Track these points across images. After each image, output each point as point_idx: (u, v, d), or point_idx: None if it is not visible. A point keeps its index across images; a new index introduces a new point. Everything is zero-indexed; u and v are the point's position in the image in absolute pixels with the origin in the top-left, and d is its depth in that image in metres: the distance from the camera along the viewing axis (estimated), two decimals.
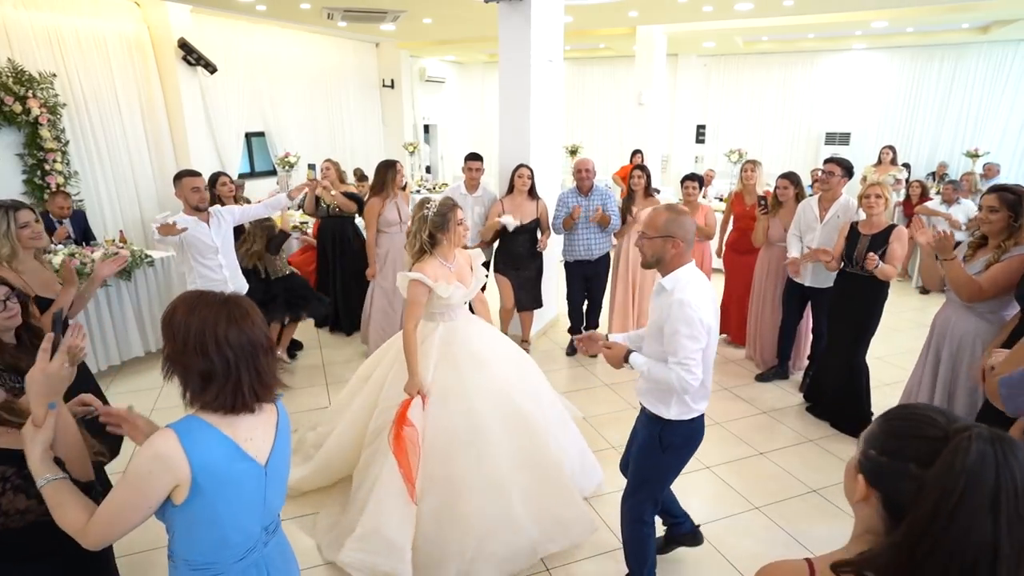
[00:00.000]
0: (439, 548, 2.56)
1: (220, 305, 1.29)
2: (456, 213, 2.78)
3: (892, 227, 3.56)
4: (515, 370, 2.99)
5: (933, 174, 10.14)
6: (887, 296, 3.71)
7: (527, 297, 4.87)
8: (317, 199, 5.29)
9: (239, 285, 3.90)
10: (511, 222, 4.53)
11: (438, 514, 2.59)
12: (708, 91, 12.40)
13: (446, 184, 11.05)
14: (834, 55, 11.26)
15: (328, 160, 5.39)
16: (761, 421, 4.05)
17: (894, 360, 4.79)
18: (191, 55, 7.13)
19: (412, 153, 10.87)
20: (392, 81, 10.97)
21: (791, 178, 4.34)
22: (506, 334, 4.61)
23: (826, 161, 4.01)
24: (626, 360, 2.22)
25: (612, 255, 5.07)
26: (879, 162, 7.94)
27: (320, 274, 5.56)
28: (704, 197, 8.14)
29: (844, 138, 11.06)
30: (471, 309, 3.22)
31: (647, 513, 2.37)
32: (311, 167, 5.14)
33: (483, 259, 3.09)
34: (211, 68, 7.39)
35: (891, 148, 7.94)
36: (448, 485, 2.60)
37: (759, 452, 3.66)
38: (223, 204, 4.26)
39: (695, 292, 2.07)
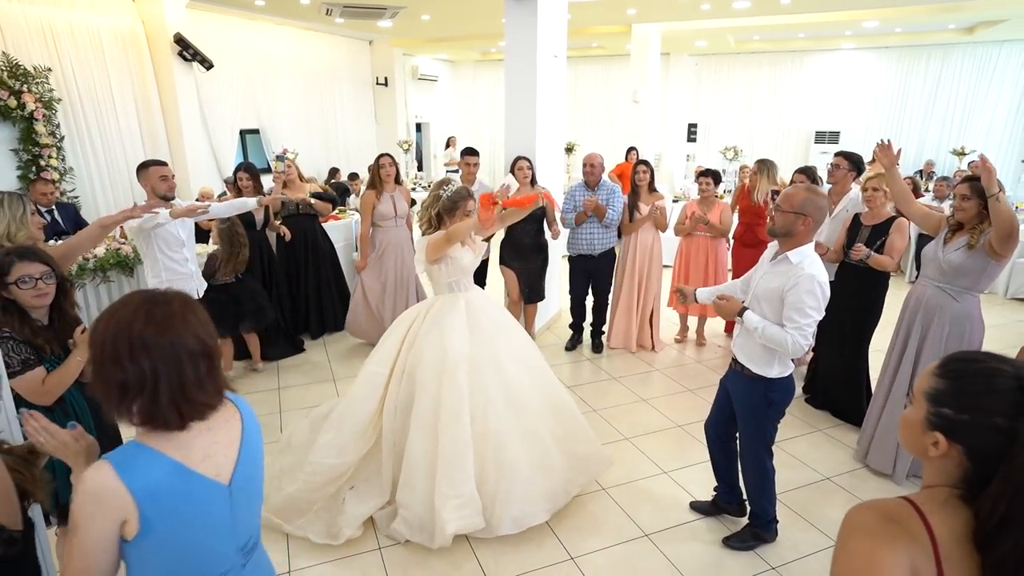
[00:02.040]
0: (493, 496, 2.74)
1: (140, 303, 1.11)
2: (467, 205, 2.86)
3: (893, 218, 3.62)
4: (520, 331, 3.20)
5: (920, 172, 10.33)
6: (887, 287, 3.78)
7: (530, 290, 4.91)
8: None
9: (200, 285, 3.86)
10: (513, 183, 4.57)
11: (492, 465, 2.76)
12: (699, 90, 12.53)
13: None
14: (823, 55, 11.44)
15: (286, 159, 5.27)
16: None
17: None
18: (187, 51, 7.06)
19: (407, 151, 10.85)
20: (385, 79, 10.95)
21: (807, 172, 4.41)
22: None
23: (835, 155, 4.07)
24: (740, 315, 2.47)
25: (618, 252, 5.10)
26: (872, 160, 8.05)
27: (289, 275, 5.20)
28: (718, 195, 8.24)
29: (834, 136, 11.24)
30: None
31: (767, 460, 2.67)
32: (280, 159, 5.07)
33: (483, 243, 3.18)
34: (207, 64, 7.32)
35: (845, 157, 8.05)
36: (496, 439, 2.77)
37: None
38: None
39: (821, 269, 2.31)
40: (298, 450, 3.19)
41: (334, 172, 8.93)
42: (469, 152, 4.96)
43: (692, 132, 12.75)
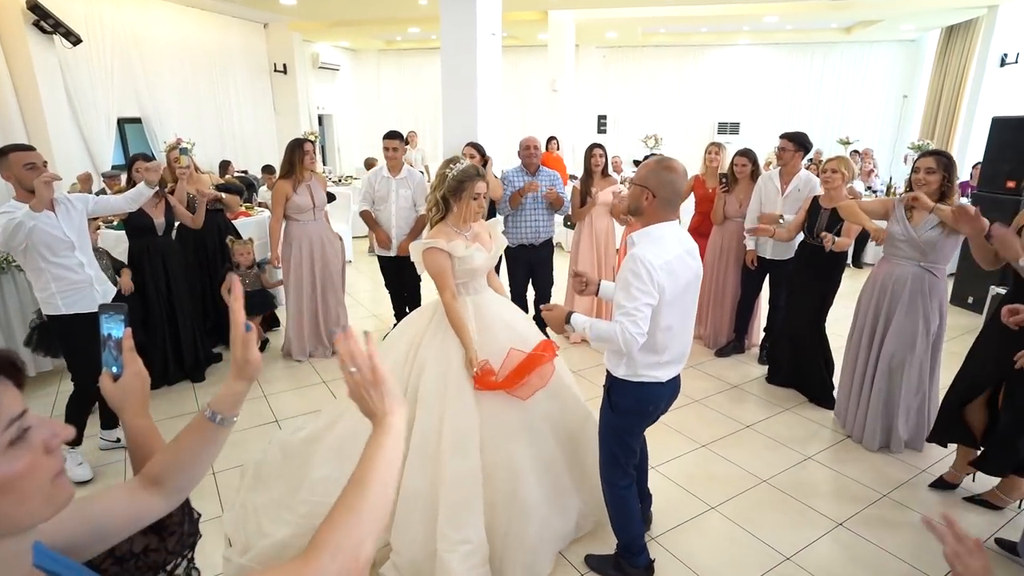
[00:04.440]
0: (503, 541, 2.36)
1: None
2: (475, 185, 2.49)
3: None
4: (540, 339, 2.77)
5: (811, 160, 11.08)
6: (844, 267, 3.85)
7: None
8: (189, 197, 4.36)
9: (106, 290, 3.14)
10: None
11: (503, 503, 2.38)
12: (608, 82, 12.71)
13: (351, 177, 10.38)
14: (722, 49, 11.96)
15: (174, 149, 4.58)
16: (734, 395, 4.07)
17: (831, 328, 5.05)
18: (46, 20, 6.00)
19: (313, 143, 10.06)
20: (284, 66, 10.10)
21: (748, 155, 4.40)
22: None
23: (780, 137, 4.09)
24: (568, 322, 2.15)
25: (572, 240, 4.89)
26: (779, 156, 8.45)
27: (203, 281, 4.56)
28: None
29: (734, 127, 11.80)
30: None
31: (613, 475, 2.30)
32: (183, 151, 4.38)
33: (501, 227, 2.79)
34: (73, 38, 6.29)
35: (790, 139, 8.48)
36: (509, 472, 2.39)
37: (746, 425, 3.65)
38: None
39: (656, 249, 1.99)
40: (272, 483, 2.65)
41: (226, 166, 8.04)
42: (390, 136, 4.47)
43: (602, 123, 12.91)
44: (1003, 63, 8.54)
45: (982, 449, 2.81)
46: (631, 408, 2.20)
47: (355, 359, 0.93)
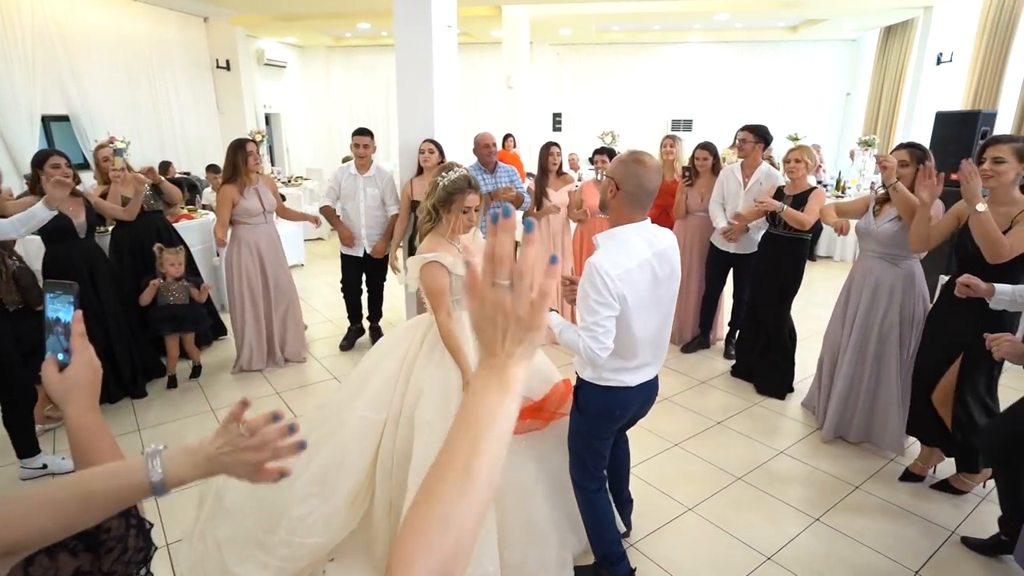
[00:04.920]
0: (519, 571, 2.21)
1: None
2: (465, 198, 2.32)
3: (812, 188, 3.69)
4: (539, 352, 2.61)
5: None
6: (806, 258, 3.86)
7: None
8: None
9: None
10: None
11: (518, 529, 2.22)
12: (562, 80, 12.68)
13: (301, 177, 10.01)
14: (675, 46, 12.10)
15: (105, 147, 4.21)
16: (703, 391, 4.03)
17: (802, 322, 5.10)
18: None
19: (260, 142, 9.65)
20: (227, 62, 9.63)
21: (709, 148, 4.38)
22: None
23: (741, 129, 4.08)
24: None
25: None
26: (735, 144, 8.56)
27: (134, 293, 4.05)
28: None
29: (687, 124, 11.94)
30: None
31: (582, 479, 2.21)
32: (117, 152, 4.05)
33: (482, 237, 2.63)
34: None
35: (751, 131, 8.60)
36: (519, 493, 2.23)
37: (717, 421, 3.61)
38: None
39: (616, 256, 1.86)
40: (240, 515, 2.37)
41: (166, 167, 7.58)
42: (360, 132, 4.33)
43: (557, 121, 12.87)
44: (939, 62, 8.88)
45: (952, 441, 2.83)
46: (597, 412, 2.10)
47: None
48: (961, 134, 5.57)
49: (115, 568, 0.90)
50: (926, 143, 6.30)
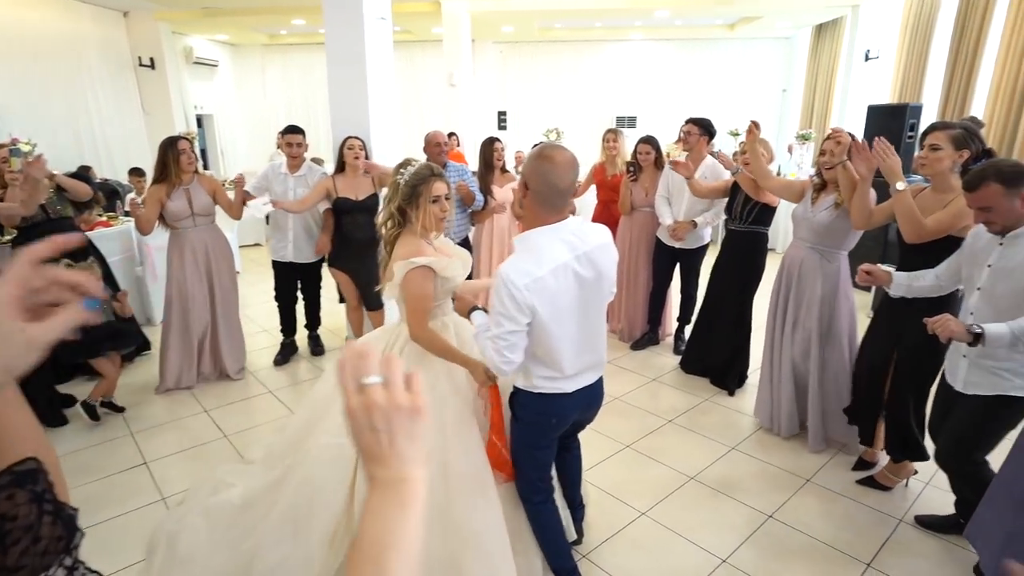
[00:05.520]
0: None
1: None
2: (431, 187, 2.15)
3: None
4: None
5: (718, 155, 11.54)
6: (767, 251, 3.83)
7: (368, 294, 4.03)
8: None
9: None
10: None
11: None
12: (506, 78, 12.58)
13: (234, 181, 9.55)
14: (617, 44, 12.18)
15: (2, 149, 3.73)
16: (653, 389, 3.97)
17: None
18: None
19: (190, 141, 9.14)
20: (151, 60, 9.09)
21: (652, 142, 4.33)
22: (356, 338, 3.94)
23: (686, 121, 4.05)
24: (469, 316, 2.08)
25: (471, 239, 4.62)
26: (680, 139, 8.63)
27: None
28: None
29: (632, 121, 12.03)
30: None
31: (526, 489, 2.09)
32: (14, 153, 3.67)
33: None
34: None
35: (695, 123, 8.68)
36: (457, 538, 1.96)
37: (668, 420, 3.55)
38: None
39: (526, 263, 1.72)
40: (201, 563, 2.11)
41: (86, 171, 7.05)
42: (291, 130, 4.09)
43: (503, 120, 12.76)
44: (867, 58, 9.21)
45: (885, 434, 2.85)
46: (533, 420, 1.98)
47: (387, 366, 0.62)
48: (891, 126, 5.75)
49: (24, 562, 0.70)
50: (859, 135, 6.50)
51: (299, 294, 4.44)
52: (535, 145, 4.46)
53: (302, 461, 2.20)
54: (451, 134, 8.33)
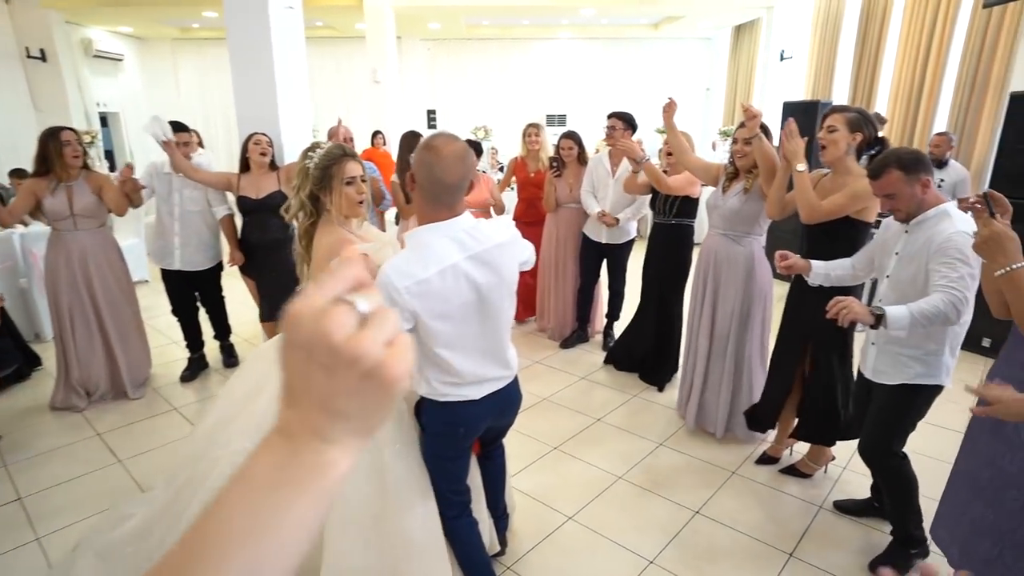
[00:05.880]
0: None
1: None
2: (343, 167, 2.01)
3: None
4: None
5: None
6: (692, 245, 3.84)
7: (273, 305, 3.66)
8: None
9: None
10: (159, 130, 3.50)
11: None
12: (435, 76, 12.38)
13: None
14: (546, 42, 12.20)
15: None
16: (582, 388, 3.92)
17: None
18: None
19: (91, 143, 8.47)
20: (42, 52, 8.35)
21: (574, 137, 4.28)
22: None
23: (609, 115, 4.02)
24: None
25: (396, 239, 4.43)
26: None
27: None
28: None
29: (562, 119, 12.08)
30: None
31: (440, 505, 1.94)
32: None
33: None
34: None
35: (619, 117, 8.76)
36: (394, 547, 1.85)
37: (596, 419, 3.50)
38: None
39: (405, 263, 1.59)
40: None
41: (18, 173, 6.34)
42: (175, 128, 3.71)
43: (432, 118, 12.55)
44: (782, 58, 9.58)
45: (797, 420, 2.88)
46: (439, 430, 1.86)
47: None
48: (804, 121, 5.92)
49: None
50: (776, 131, 6.73)
51: (200, 304, 4.10)
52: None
53: (208, 472, 2.00)
54: (376, 133, 8.08)
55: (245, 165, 3.69)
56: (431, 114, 12.50)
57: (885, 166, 2.02)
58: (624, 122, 3.96)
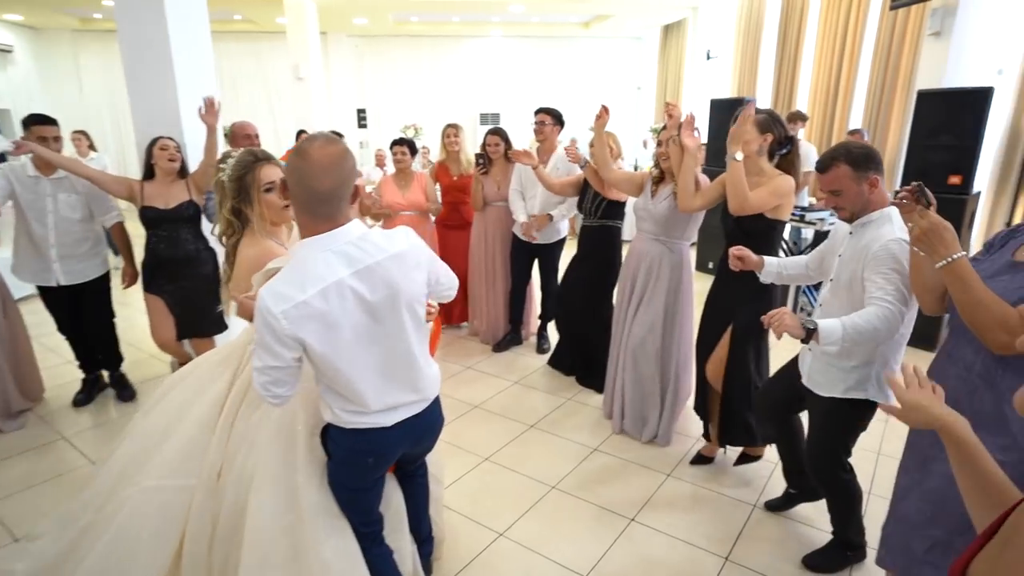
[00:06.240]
0: None
1: None
2: (258, 174, 1.89)
3: None
4: None
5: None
6: (619, 245, 3.77)
7: (197, 318, 3.34)
8: None
9: None
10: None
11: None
12: (363, 74, 12.03)
13: None
14: (477, 40, 12.06)
15: None
16: (516, 393, 3.78)
17: None
18: None
19: None
20: None
21: (500, 134, 4.14)
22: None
23: (536, 111, 3.91)
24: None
25: None
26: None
27: None
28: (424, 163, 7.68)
29: (495, 118, 11.96)
30: None
31: (363, 542, 1.76)
32: None
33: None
34: None
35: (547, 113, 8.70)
36: (310, 570, 1.69)
37: (530, 425, 3.37)
38: None
39: (282, 284, 1.39)
40: None
41: None
42: (39, 120, 3.21)
43: (362, 118, 12.18)
44: (708, 57, 9.81)
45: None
46: (346, 459, 1.66)
47: None
48: (730, 118, 6.04)
49: None
50: (705, 129, 6.82)
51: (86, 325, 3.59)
52: (396, 141, 4.10)
53: (113, 514, 1.80)
54: (300, 132, 7.70)
55: (150, 172, 3.32)
56: (361, 113, 12.13)
57: (833, 159, 1.90)
58: (552, 118, 3.87)
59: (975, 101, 4.19)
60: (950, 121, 4.28)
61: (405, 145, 4.25)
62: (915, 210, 1.54)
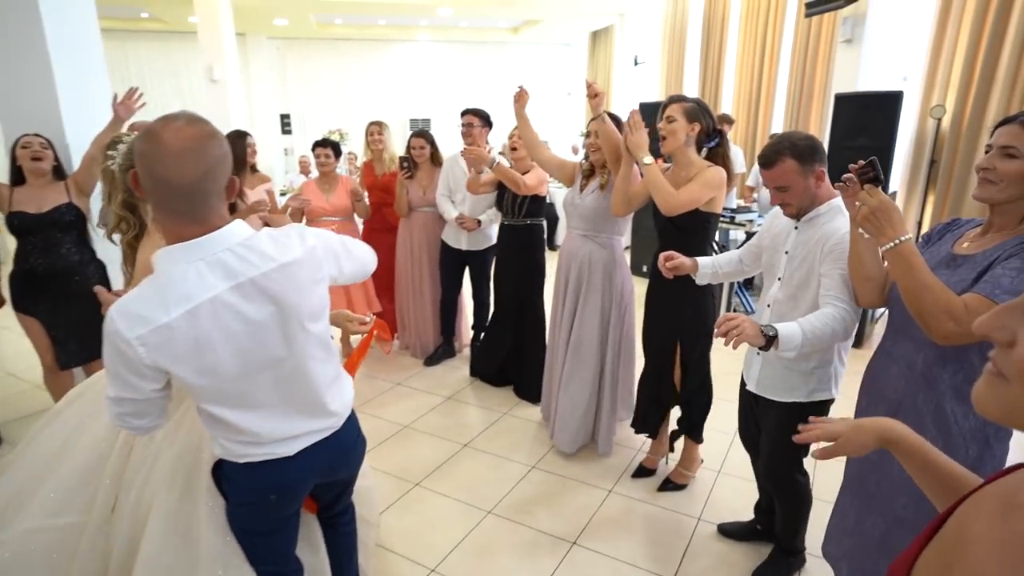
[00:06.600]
0: None
1: None
2: None
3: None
4: None
5: (501, 153, 11.65)
6: (544, 246, 3.65)
7: (86, 341, 2.89)
8: None
9: None
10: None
11: None
12: (286, 77, 11.53)
13: None
14: (405, 44, 11.79)
15: None
16: (449, 409, 3.57)
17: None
18: None
19: None
20: None
21: (425, 136, 3.94)
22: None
23: (463, 113, 3.74)
24: None
25: None
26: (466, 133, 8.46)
27: None
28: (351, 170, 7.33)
29: (426, 123, 11.72)
30: None
31: None
32: None
33: None
34: None
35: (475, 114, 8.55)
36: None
37: (463, 444, 3.16)
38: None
39: (138, 304, 1.12)
40: None
41: None
42: None
43: (286, 123, 11.66)
44: (636, 63, 9.93)
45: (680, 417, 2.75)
46: (245, 499, 1.42)
47: None
48: (658, 122, 6.08)
49: None
50: None
51: None
52: (319, 142, 3.86)
53: None
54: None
55: (19, 176, 2.92)
56: (285, 119, 11.62)
57: (778, 153, 1.80)
58: (480, 119, 3.71)
59: (887, 104, 4.33)
60: (866, 123, 4.40)
61: (329, 147, 3.97)
62: (860, 190, 1.44)
